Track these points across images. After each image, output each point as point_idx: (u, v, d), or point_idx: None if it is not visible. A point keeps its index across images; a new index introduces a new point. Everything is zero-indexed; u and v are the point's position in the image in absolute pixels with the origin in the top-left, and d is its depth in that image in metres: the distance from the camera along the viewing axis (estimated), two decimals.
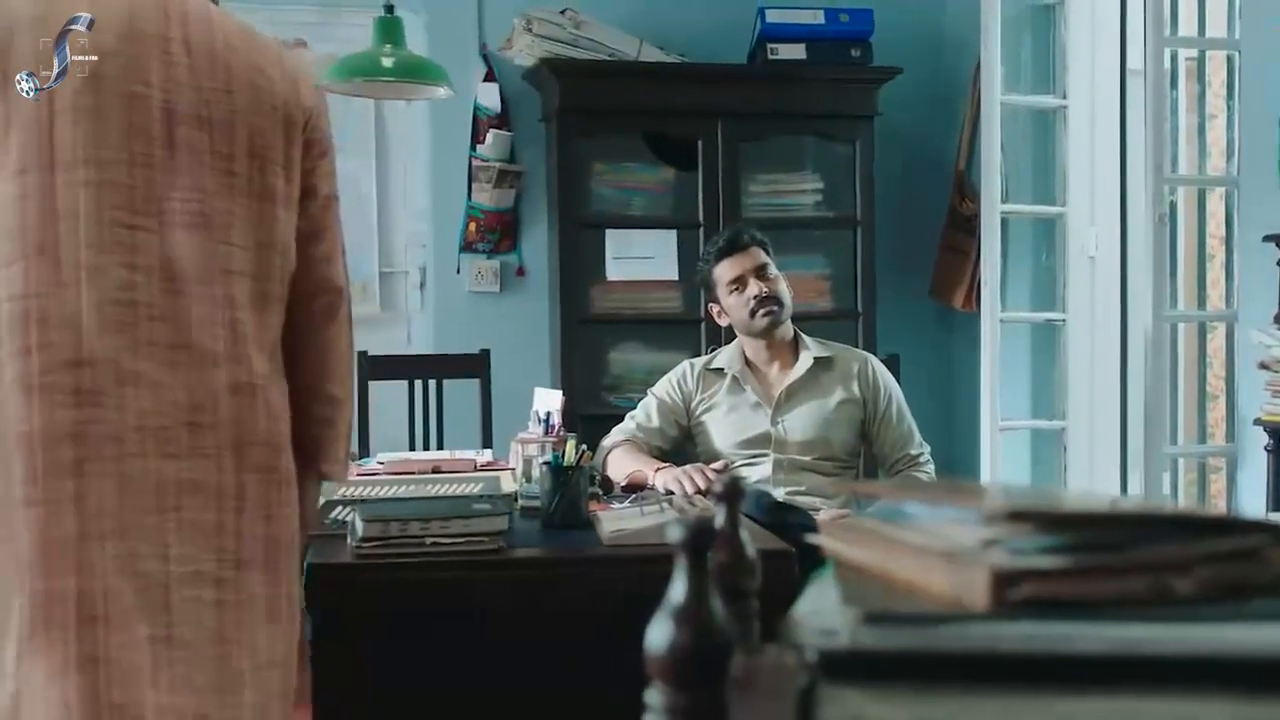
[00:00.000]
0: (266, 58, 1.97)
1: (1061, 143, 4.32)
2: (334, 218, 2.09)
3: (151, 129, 1.87)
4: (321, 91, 2.09)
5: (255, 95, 1.93)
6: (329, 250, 2.09)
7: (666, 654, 0.84)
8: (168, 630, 1.81)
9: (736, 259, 3.43)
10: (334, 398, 2.13)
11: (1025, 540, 0.91)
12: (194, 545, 1.84)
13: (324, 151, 2.05)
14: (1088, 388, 4.30)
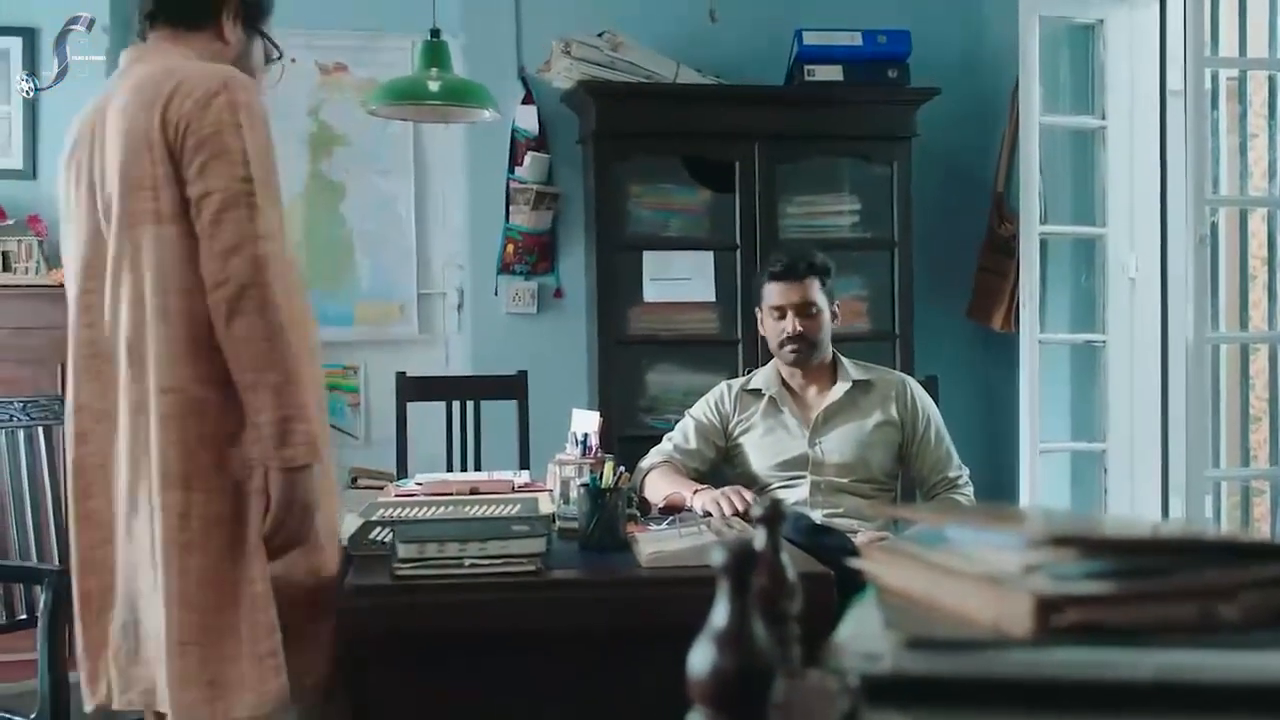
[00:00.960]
0: (140, 104, 2.19)
1: (1101, 163, 4.30)
2: (216, 212, 2.13)
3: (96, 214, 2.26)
4: (207, 97, 2.16)
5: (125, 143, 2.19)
6: (218, 245, 2.13)
7: (709, 678, 0.84)
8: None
9: (786, 287, 3.41)
10: (248, 385, 2.15)
11: (1069, 566, 0.91)
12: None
13: (198, 147, 2.15)
14: (1128, 410, 4.26)
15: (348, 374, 4.95)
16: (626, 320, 4.57)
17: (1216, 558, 0.94)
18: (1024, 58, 4.09)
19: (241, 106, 2.17)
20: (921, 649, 0.87)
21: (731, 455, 3.47)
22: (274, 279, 2.12)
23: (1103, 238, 4.27)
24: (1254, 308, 4.51)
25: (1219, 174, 4.02)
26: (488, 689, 2.40)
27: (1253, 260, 4.45)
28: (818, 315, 3.39)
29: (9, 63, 4.54)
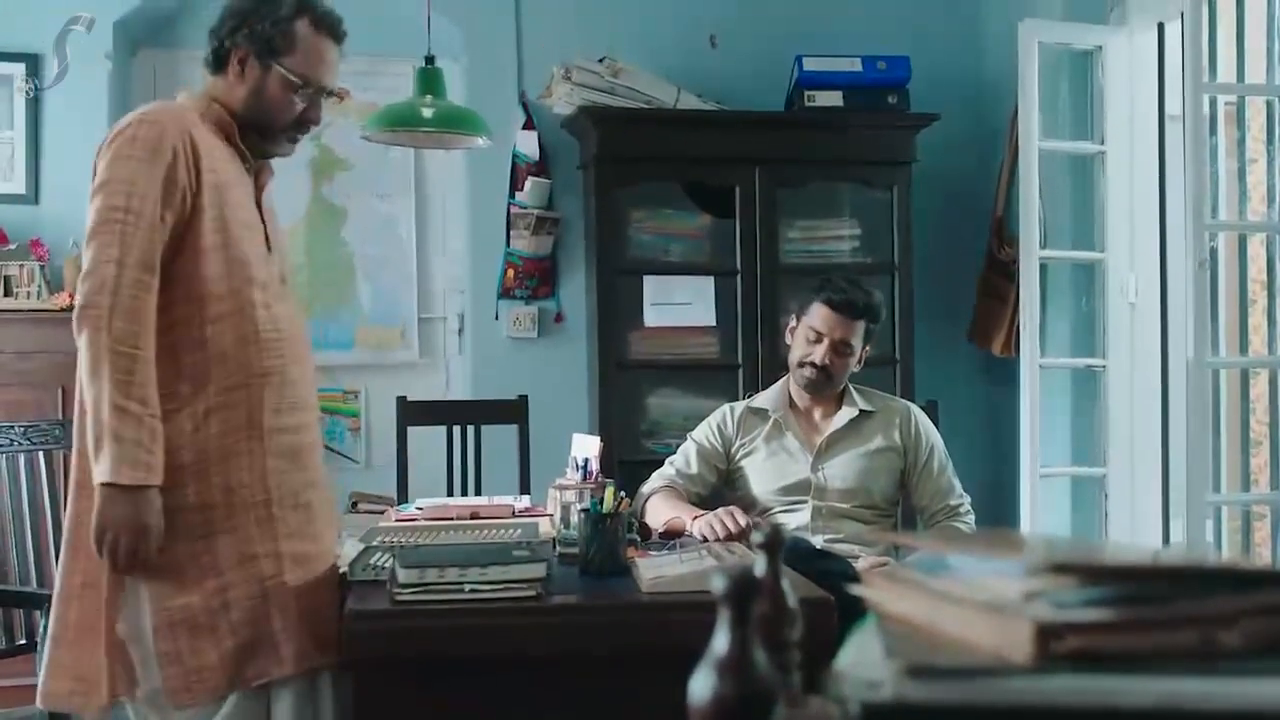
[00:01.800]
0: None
1: (1100, 188, 4.31)
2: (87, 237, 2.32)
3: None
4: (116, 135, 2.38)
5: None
6: (82, 267, 2.31)
7: (711, 705, 0.84)
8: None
9: (836, 319, 3.37)
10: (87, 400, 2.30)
11: (1069, 593, 0.91)
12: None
13: (97, 176, 2.38)
14: (1128, 434, 4.26)
15: (348, 398, 4.95)
16: (627, 344, 4.58)
17: (1217, 585, 0.94)
18: (1023, 83, 4.10)
19: (140, 140, 2.33)
20: (922, 677, 0.87)
21: (733, 478, 3.46)
22: (117, 303, 2.23)
23: (1102, 262, 4.28)
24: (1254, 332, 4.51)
25: (1218, 199, 4.03)
26: (488, 714, 2.40)
27: (1252, 285, 4.45)
28: (848, 356, 3.39)
29: (11, 87, 4.55)
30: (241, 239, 2.42)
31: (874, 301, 3.44)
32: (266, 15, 2.48)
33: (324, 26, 2.54)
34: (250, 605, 2.38)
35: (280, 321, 2.47)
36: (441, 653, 2.36)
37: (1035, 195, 4.12)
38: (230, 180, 2.45)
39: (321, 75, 2.53)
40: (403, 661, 2.36)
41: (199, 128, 2.44)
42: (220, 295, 2.38)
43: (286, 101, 2.51)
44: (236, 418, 2.39)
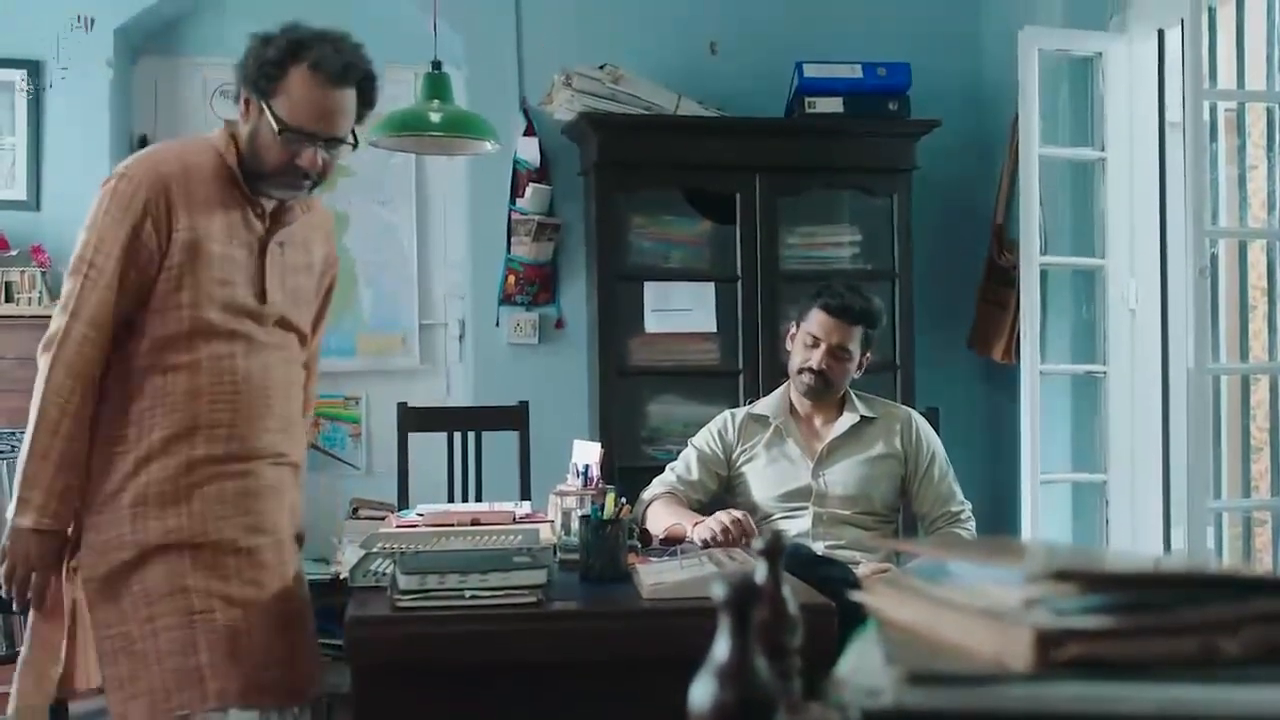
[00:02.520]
0: None
1: (1100, 195, 4.31)
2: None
3: None
4: (105, 183, 2.43)
5: None
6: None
7: (711, 712, 0.84)
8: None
9: (833, 324, 3.38)
10: None
11: (1069, 600, 0.91)
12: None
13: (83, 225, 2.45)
14: (1129, 440, 4.26)
15: (349, 404, 4.95)
16: (628, 351, 4.58)
17: (1217, 592, 0.94)
18: (1023, 90, 4.11)
19: (116, 196, 2.39)
20: (923, 683, 0.87)
21: (734, 484, 3.46)
22: (60, 355, 2.36)
23: (1103, 269, 4.29)
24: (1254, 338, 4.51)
25: (1218, 205, 4.03)
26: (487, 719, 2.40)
27: (1252, 291, 4.45)
28: (846, 361, 3.39)
29: (13, 94, 4.56)
30: (213, 295, 2.43)
31: (872, 307, 3.44)
32: (260, 53, 2.42)
33: (321, 72, 2.41)
34: (177, 636, 2.40)
35: (248, 375, 2.48)
36: (442, 659, 2.36)
37: (1035, 202, 4.13)
38: (212, 234, 2.44)
39: (311, 122, 2.42)
40: (403, 667, 2.36)
41: (193, 176, 2.44)
42: (178, 349, 2.43)
43: (274, 148, 2.43)
44: (175, 465, 2.43)
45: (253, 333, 2.50)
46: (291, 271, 2.59)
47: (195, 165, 2.45)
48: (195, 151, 2.49)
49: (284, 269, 2.56)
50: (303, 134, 2.42)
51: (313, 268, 2.67)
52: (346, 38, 2.49)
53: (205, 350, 2.44)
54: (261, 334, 2.52)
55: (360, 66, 2.48)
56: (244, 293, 2.48)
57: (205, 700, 2.39)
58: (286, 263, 2.57)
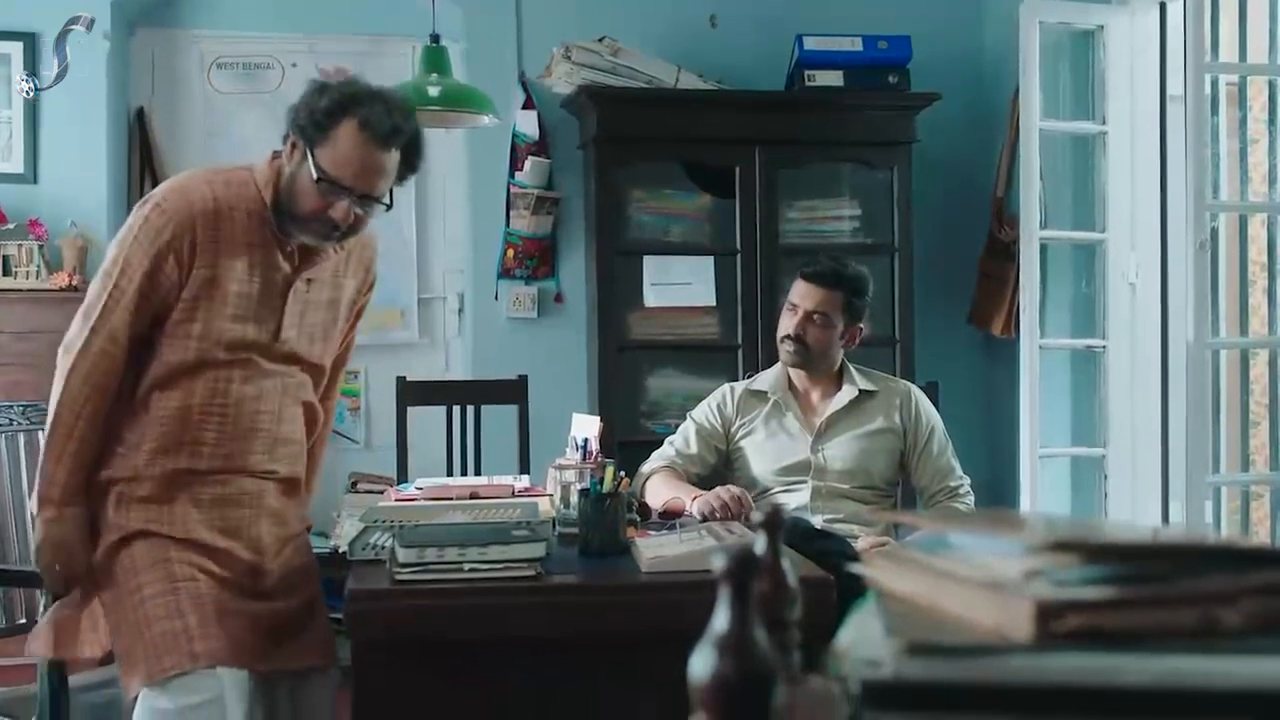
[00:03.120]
0: None
1: (1101, 169, 4.30)
2: (92, 282, 2.56)
3: None
4: (140, 207, 2.54)
5: None
6: None
7: (711, 683, 0.84)
8: None
9: (809, 289, 3.39)
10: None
11: (1069, 571, 0.91)
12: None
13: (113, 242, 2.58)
14: (1128, 415, 4.27)
15: (348, 378, 4.93)
16: (627, 325, 4.57)
17: (1217, 564, 0.94)
18: (1024, 63, 4.10)
19: (148, 225, 2.48)
20: (923, 654, 0.87)
21: (733, 459, 3.46)
22: (79, 364, 2.46)
23: (1103, 243, 4.28)
24: (1254, 313, 4.51)
25: (1219, 179, 4.02)
26: (487, 693, 2.40)
27: (1252, 265, 4.45)
28: (824, 326, 3.38)
29: (9, 67, 4.54)
30: (223, 331, 2.53)
31: (849, 271, 3.43)
32: (314, 101, 2.48)
33: (368, 129, 2.46)
34: (161, 602, 2.47)
35: (240, 398, 2.57)
36: (441, 632, 2.37)
37: (1036, 176, 4.12)
38: (233, 272, 2.51)
39: (350, 176, 2.47)
40: (402, 640, 2.37)
41: (223, 213, 2.51)
42: (181, 375, 2.53)
43: (308, 194, 2.48)
44: (160, 474, 2.54)
45: (255, 360, 2.58)
46: (313, 308, 2.64)
47: (229, 200, 2.52)
48: (234, 183, 2.55)
49: (305, 306, 2.62)
50: (339, 186, 2.46)
51: (338, 302, 2.71)
52: (400, 100, 2.56)
53: (204, 375, 2.54)
54: (264, 363, 2.60)
55: (407, 131, 2.53)
56: (257, 330, 2.56)
57: (195, 660, 2.43)
58: (309, 299, 2.63)
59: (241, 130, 4.83)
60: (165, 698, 2.41)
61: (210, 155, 4.82)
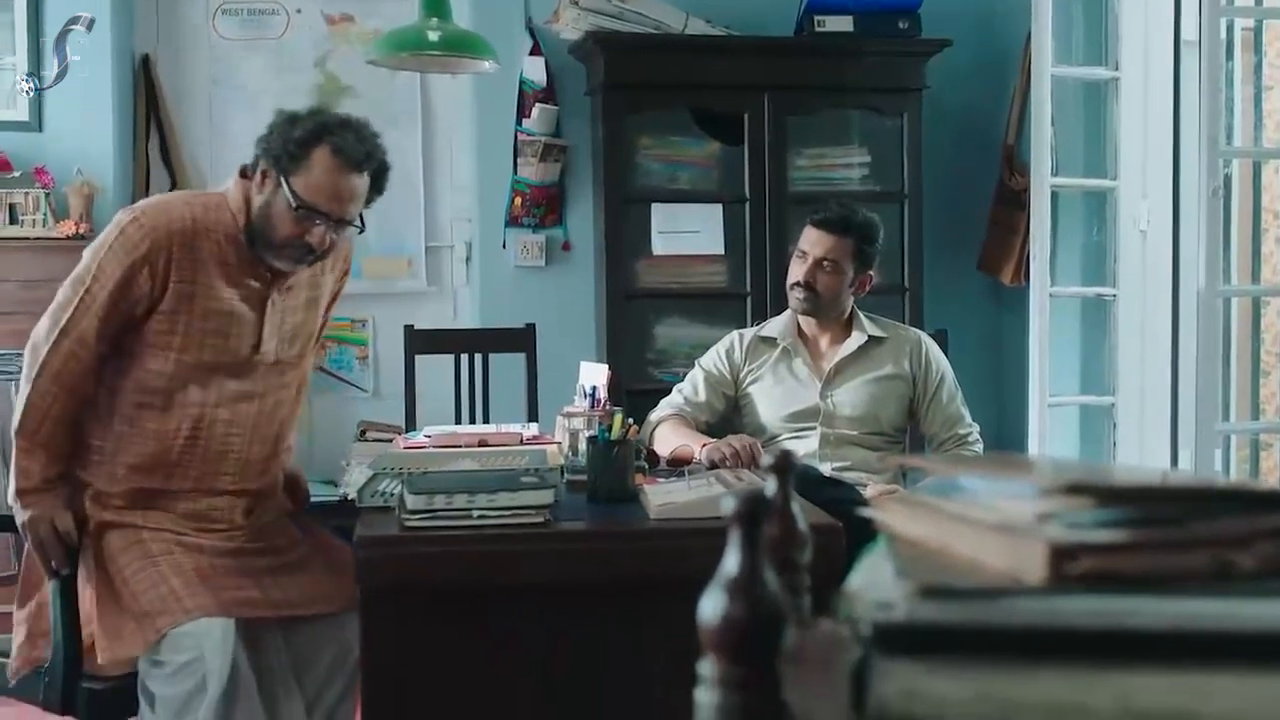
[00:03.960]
0: None
1: (1113, 115, 4.26)
2: (62, 286, 2.63)
3: None
4: (118, 219, 2.61)
5: None
6: None
7: (721, 626, 0.84)
8: None
9: (818, 235, 3.38)
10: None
11: (1083, 514, 0.90)
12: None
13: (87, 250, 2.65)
14: (1138, 363, 4.25)
15: (356, 327, 4.94)
16: (635, 273, 4.56)
17: (1232, 507, 0.93)
18: (1036, 8, 4.04)
19: (124, 238, 2.55)
20: (935, 597, 0.87)
21: (741, 405, 3.46)
22: (49, 362, 2.53)
23: (1114, 190, 4.24)
24: (1266, 261, 4.48)
25: (1233, 125, 3.98)
26: (495, 639, 2.41)
27: (1265, 213, 4.42)
28: (833, 272, 3.37)
29: (12, 12, 4.50)
30: (203, 346, 2.62)
31: (859, 218, 3.42)
32: (287, 131, 2.57)
33: (342, 156, 2.57)
34: (144, 576, 2.54)
35: (212, 422, 2.66)
36: (449, 578, 2.37)
37: (1047, 122, 4.07)
38: (211, 288, 2.60)
39: (326, 203, 2.57)
40: (411, 587, 2.38)
41: (200, 234, 2.59)
42: (159, 387, 2.61)
43: (285, 221, 2.58)
44: (133, 488, 2.64)
45: (234, 382, 2.67)
46: (291, 312, 2.74)
47: (206, 223, 2.61)
48: (210, 206, 2.64)
49: (283, 314, 2.72)
50: (317, 212, 2.57)
51: (318, 300, 2.83)
52: (368, 126, 2.67)
53: (181, 396, 2.62)
54: (244, 383, 2.68)
55: (377, 156, 2.65)
56: (237, 344, 2.66)
57: (188, 614, 2.49)
58: (286, 306, 2.73)
59: (246, 77, 4.80)
60: (157, 674, 2.48)
61: (215, 102, 4.80)
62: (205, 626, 2.46)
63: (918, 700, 0.85)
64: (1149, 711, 0.83)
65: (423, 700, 2.39)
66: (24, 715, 2.77)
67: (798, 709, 0.86)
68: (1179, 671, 0.84)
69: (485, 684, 2.41)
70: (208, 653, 2.44)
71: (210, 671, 2.43)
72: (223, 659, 2.44)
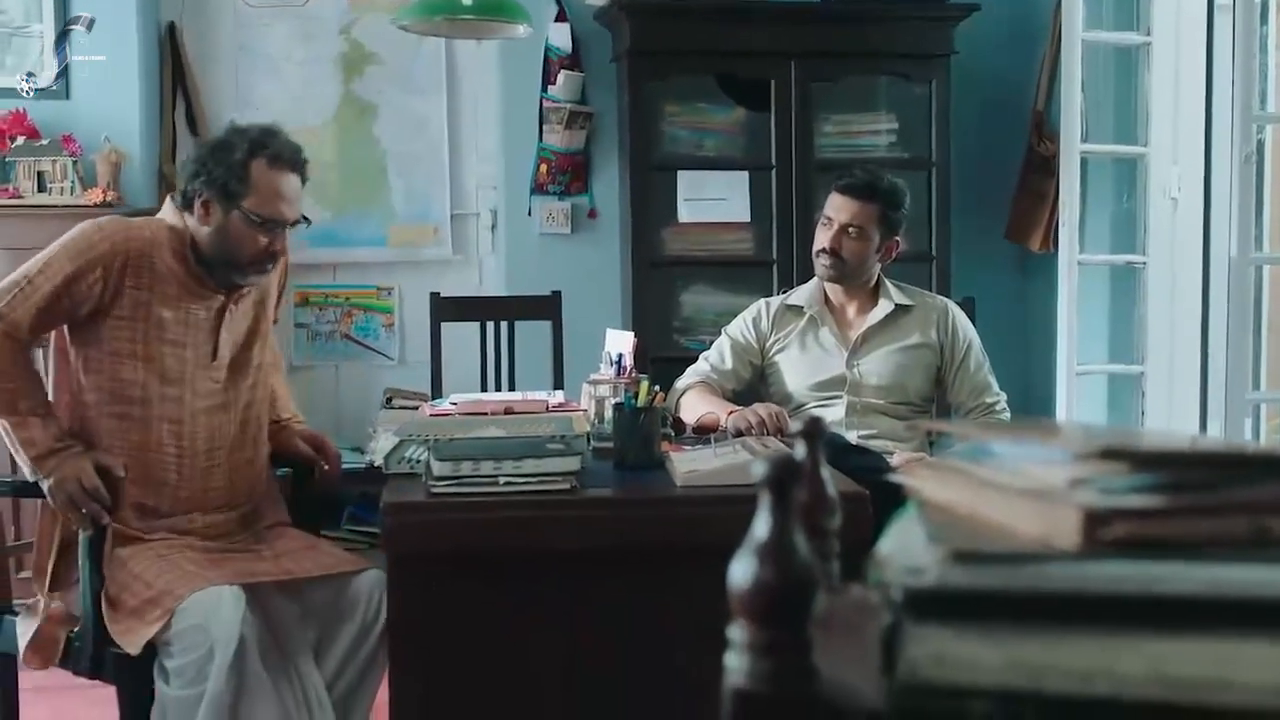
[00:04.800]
0: None
1: (1144, 80, 4.21)
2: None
3: None
4: (79, 224, 2.73)
5: None
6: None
7: (751, 590, 0.83)
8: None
9: (843, 201, 3.36)
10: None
11: (1117, 479, 0.89)
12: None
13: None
14: (1168, 332, 4.21)
15: (382, 295, 4.95)
16: (661, 241, 4.54)
17: (1268, 473, 0.92)
18: None
19: (79, 239, 2.66)
20: (967, 562, 0.86)
21: (767, 374, 3.45)
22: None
23: (1144, 156, 4.20)
24: None
25: (1266, 90, 3.93)
26: (521, 606, 2.42)
27: None
28: (859, 239, 3.35)
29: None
30: (164, 355, 2.70)
31: (884, 183, 3.39)
32: (222, 160, 2.68)
33: (280, 162, 2.71)
34: (157, 566, 2.60)
35: (193, 436, 2.74)
36: (476, 545, 2.38)
37: (1077, 88, 4.03)
38: (167, 300, 2.69)
39: (282, 210, 2.72)
40: (438, 553, 2.38)
41: (156, 251, 2.69)
42: (134, 400, 2.68)
43: (250, 239, 2.69)
44: (135, 501, 2.69)
45: (204, 395, 2.74)
46: (241, 316, 2.85)
47: (159, 242, 2.71)
48: (159, 230, 2.74)
49: (235, 319, 2.82)
50: (277, 221, 2.71)
51: (264, 301, 2.92)
52: (281, 128, 2.80)
53: (158, 408, 2.70)
54: (215, 396, 2.76)
55: (301, 151, 2.80)
56: (194, 354, 2.74)
57: (208, 581, 2.54)
58: (239, 312, 2.83)
59: (271, 45, 4.79)
60: (170, 650, 2.50)
61: (241, 70, 4.80)
62: (214, 595, 2.50)
63: (948, 665, 0.84)
64: (1181, 679, 0.83)
65: (449, 666, 2.40)
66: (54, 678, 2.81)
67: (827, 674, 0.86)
68: (1212, 639, 0.83)
69: (511, 649, 2.42)
70: (214, 620, 2.46)
71: (217, 639, 2.45)
72: (230, 626, 2.46)
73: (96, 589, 2.58)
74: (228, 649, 2.45)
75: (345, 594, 2.73)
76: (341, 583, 2.73)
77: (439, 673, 2.40)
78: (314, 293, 4.92)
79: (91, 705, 3.40)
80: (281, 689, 2.58)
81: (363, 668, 2.74)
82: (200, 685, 2.45)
